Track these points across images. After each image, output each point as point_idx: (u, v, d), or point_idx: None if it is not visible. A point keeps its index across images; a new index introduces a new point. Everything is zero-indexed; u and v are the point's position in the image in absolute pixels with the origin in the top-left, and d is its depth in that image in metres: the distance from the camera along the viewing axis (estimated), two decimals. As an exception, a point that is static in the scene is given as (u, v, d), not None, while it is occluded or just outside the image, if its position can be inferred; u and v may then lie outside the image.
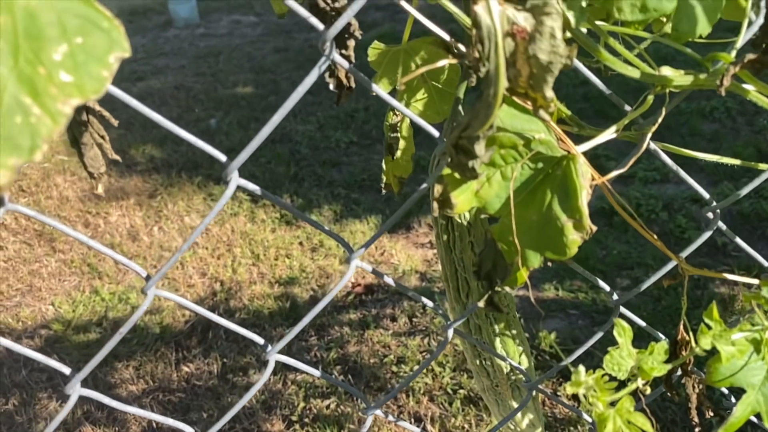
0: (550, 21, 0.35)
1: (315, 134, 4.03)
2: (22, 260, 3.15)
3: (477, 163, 0.39)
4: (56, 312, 2.78)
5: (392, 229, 3.04)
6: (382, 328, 2.39)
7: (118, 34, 0.29)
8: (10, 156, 0.26)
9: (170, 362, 2.44)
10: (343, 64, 0.43)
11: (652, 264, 2.53)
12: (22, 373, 2.50)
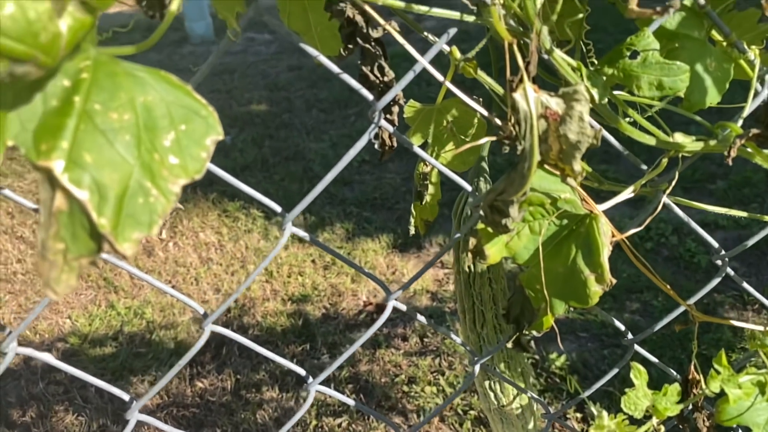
0: (579, 106, 0.39)
1: (328, 152, 4.09)
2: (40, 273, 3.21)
3: (509, 222, 0.44)
4: (73, 325, 2.83)
5: (403, 248, 3.09)
6: (393, 347, 2.43)
7: (213, 119, 0.34)
8: (134, 231, 0.31)
9: (185, 377, 2.49)
10: (388, 128, 0.48)
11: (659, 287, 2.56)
12: (39, 385, 2.54)
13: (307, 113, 4.71)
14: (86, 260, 0.31)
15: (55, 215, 0.30)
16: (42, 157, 0.29)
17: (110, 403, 2.44)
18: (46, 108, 0.30)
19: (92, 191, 0.30)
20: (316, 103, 4.85)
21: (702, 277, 2.66)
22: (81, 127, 0.30)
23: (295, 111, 4.79)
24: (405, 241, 3.12)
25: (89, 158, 0.30)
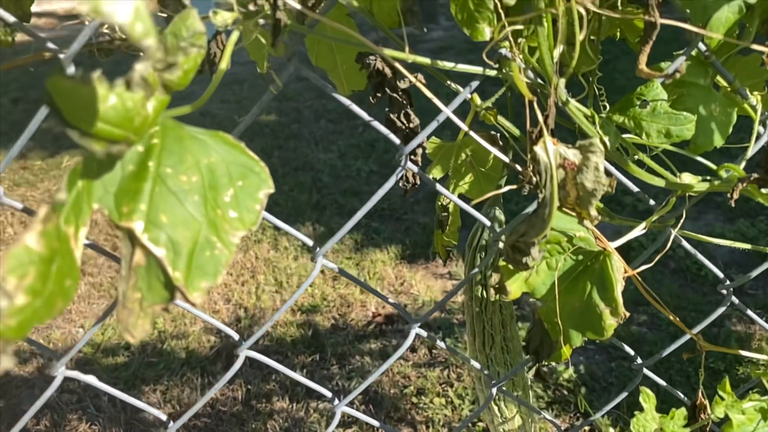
0: (595, 157, 0.43)
1: (336, 163, 4.13)
2: (53, 282, 3.25)
3: (530, 260, 0.47)
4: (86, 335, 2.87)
5: (412, 259, 3.12)
6: (402, 358, 2.45)
7: (265, 174, 0.38)
8: (202, 281, 0.34)
9: (196, 387, 2.52)
10: (413, 169, 0.52)
11: (668, 300, 2.59)
12: (53, 394, 2.58)
13: (315, 123, 4.76)
14: (159, 307, 0.34)
15: (134, 269, 0.33)
16: (124, 219, 0.33)
17: (123, 412, 2.48)
18: (124, 173, 0.33)
19: (168, 248, 0.33)
20: (325, 113, 4.90)
21: (709, 290, 2.68)
22: (156, 190, 0.33)
23: (304, 121, 4.84)
24: (413, 252, 3.15)
25: (165, 218, 0.33)
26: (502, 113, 0.57)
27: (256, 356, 0.57)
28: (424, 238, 3.24)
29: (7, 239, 3.65)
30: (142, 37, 0.24)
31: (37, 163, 4.61)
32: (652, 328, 2.53)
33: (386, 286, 2.93)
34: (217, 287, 3.02)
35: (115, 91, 0.28)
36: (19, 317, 0.28)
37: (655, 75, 0.46)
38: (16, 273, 0.28)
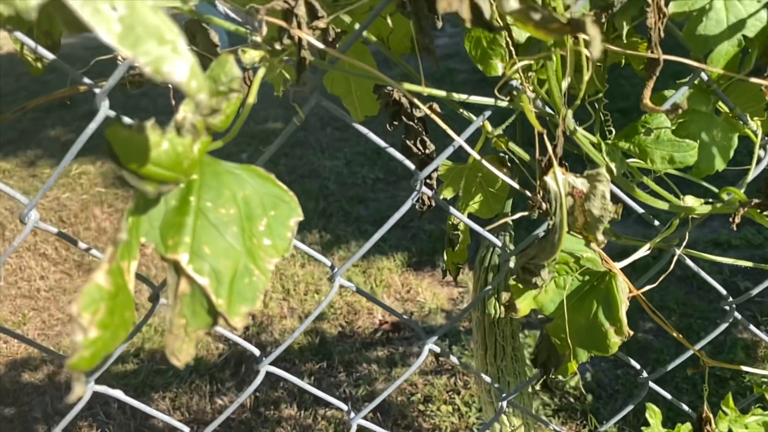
0: (602, 186, 0.45)
1: (342, 170, 4.16)
2: (62, 290, 3.28)
3: (539, 281, 0.50)
4: (95, 342, 2.90)
5: (418, 266, 3.14)
6: (409, 366, 2.47)
7: (295, 204, 0.41)
8: (242, 306, 0.37)
9: (204, 394, 2.54)
10: (428, 192, 0.54)
11: (674, 308, 2.60)
12: (63, 401, 2.61)
13: (321, 131, 4.79)
14: (202, 332, 0.37)
15: (179, 297, 0.36)
16: (170, 251, 0.35)
17: (132, 419, 2.50)
18: (168, 207, 0.36)
19: (211, 277, 0.36)
20: (331, 121, 4.93)
21: (715, 297, 2.69)
22: (198, 223, 0.36)
23: (310, 129, 4.87)
24: (419, 259, 3.17)
25: (207, 249, 0.36)
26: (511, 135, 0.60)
27: (276, 371, 0.60)
28: (430, 246, 3.26)
29: (9, 238, 3.68)
30: (196, 92, 0.27)
31: (47, 171, 4.65)
32: (658, 335, 2.54)
33: (393, 293, 2.95)
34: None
35: (167, 137, 0.31)
36: (91, 349, 0.31)
37: (659, 110, 0.48)
38: (89, 309, 0.31)
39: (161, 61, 0.25)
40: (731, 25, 0.52)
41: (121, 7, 0.24)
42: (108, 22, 0.24)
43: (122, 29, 0.24)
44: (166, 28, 0.26)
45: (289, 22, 0.42)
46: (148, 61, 0.24)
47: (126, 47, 0.24)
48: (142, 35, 0.24)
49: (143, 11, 0.25)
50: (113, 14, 0.24)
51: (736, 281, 2.77)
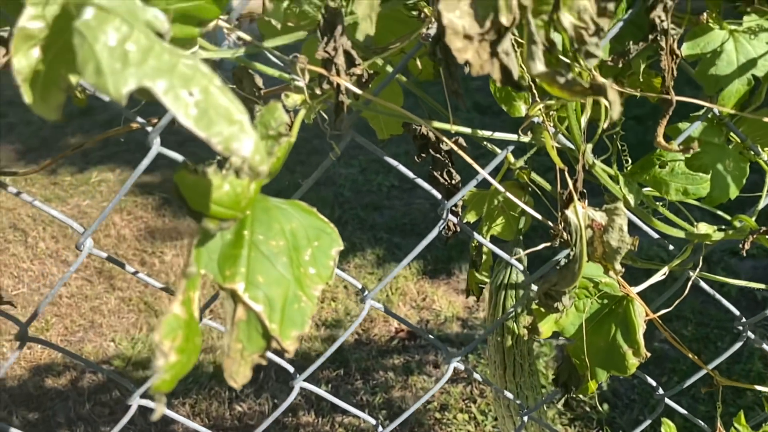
0: (619, 219, 0.49)
1: (358, 178, 4.20)
2: (84, 297, 3.35)
3: (560, 306, 0.53)
4: (117, 348, 2.95)
5: (433, 274, 3.17)
6: (426, 374, 2.50)
7: (336, 235, 0.44)
8: (293, 331, 0.41)
9: (224, 401, 2.59)
10: (453, 220, 0.58)
11: (690, 317, 2.61)
12: (86, 406, 2.67)
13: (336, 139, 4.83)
14: (257, 355, 0.40)
15: (236, 324, 0.40)
16: (227, 281, 0.39)
17: (153, 426, 2.55)
18: (224, 241, 0.40)
19: (265, 304, 0.39)
20: (345, 128, 4.97)
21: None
22: (252, 255, 0.40)
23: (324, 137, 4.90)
24: (435, 267, 3.20)
25: (261, 279, 0.40)
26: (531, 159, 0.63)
27: (310, 387, 0.63)
28: (445, 254, 3.29)
29: (40, 254, 3.76)
30: (259, 164, 0.30)
31: (67, 178, 4.74)
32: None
33: (408, 301, 2.98)
34: (243, 302, 3.10)
35: (228, 180, 0.35)
36: (171, 372, 0.35)
37: (672, 149, 0.51)
38: (169, 337, 0.34)
39: (231, 139, 0.28)
40: (741, 65, 0.55)
41: (197, 92, 0.28)
42: (186, 107, 0.27)
43: (197, 113, 0.27)
44: (235, 109, 0.29)
45: (328, 69, 0.45)
46: (220, 141, 0.28)
47: (201, 129, 0.28)
48: (214, 117, 0.28)
49: (215, 94, 0.29)
50: (190, 99, 0.27)
51: (753, 291, 2.77)
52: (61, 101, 0.34)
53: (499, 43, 0.34)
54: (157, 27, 0.30)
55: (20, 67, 0.32)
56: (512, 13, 0.33)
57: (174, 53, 0.29)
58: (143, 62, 0.27)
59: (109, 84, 0.27)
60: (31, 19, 0.32)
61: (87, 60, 0.27)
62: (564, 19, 0.35)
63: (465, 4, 0.33)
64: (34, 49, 0.33)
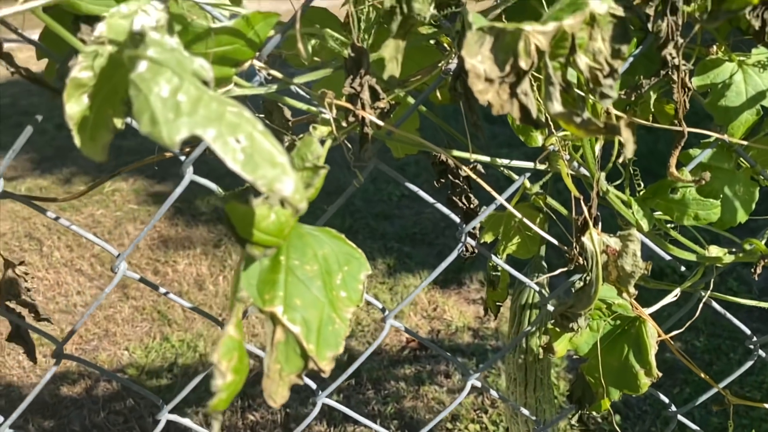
0: (633, 245, 0.51)
1: (368, 187, 4.23)
2: (98, 305, 3.39)
3: (576, 326, 0.55)
4: (131, 357, 2.98)
5: (444, 284, 3.18)
6: (437, 384, 2.52)
7: (364, 260, 0.47)
8: (328, 351, 0.43)
9: (236, 410, 2.61)
10: (472, 243, 0.60)
11: (702, 328, 2.61)
12: (101, 414, 2.70)
13: (347, 149, 4.86)
14: (294, 376, 0.43)
15: (275, 345, 0.42)
16: (267, 305, 0.42)
17: (167, 434, 2.58)
18: (262, 266, 0.42)
19: (302, 326, 0.42)
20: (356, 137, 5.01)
21: (744, 317, 2.68)
22: (289, 279, 0.42)
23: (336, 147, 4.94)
24: (445, 277, 3.21)
25: (298, 302, 0.42)
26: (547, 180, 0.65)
27: (333, 404, 0.65)
28: (456, 263, 3.30)
29: (55, 263, 3.80)
30: (299, 202, 0.33)
31: (82, 188, 4.77)
32: (686, 355, 2.55)
33: (419, 311, 3.00)
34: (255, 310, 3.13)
35: (274, 210, 0.37)
36: (228, 391, 0.37)
37: (684, 180, 0.53)
38: (226, 357, 0.37)
39: (274, 181, 0.31)
40: (751, 97, 0.57)
41: (243, 138, 0.30)
42: (234, 152, 0.30)
43: (244, 158, 0.30)
44: (276, 153, 0.32)
45: (354, 104, 0.48)
46: (264, 183, 0.30)
47: (247, 173, 0.30)
48: (259, 161, 0.30)
49: (259, 140, 0.31)
50: (237, 146, 0.30)
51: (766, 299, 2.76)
52: (107, 142, 0.37)
53: (518, 85, 0.36)
54: (203, 76, 0.33)
55: (72, 113, 0.35)
56: (531, 58, 0.35)
57: (221, 101, 0.32)
58: (194, 112, 0.30)
59: (164, 133, 0.29)
60: (82, 70, 0.35)
61: (142, 110, 0.30)
62: (580, 61, 0.37)
63: (486, 50, 0.35)
64: (84, 96, 0.36)
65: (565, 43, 0.36)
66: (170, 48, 0.32)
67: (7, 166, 0.53)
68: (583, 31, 0.36)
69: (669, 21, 0.46)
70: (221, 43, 0.41)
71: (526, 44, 0.34)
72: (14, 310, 0.62)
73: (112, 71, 0.36)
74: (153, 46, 0.31)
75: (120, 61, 0.36)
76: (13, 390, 2.91)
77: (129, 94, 0.31)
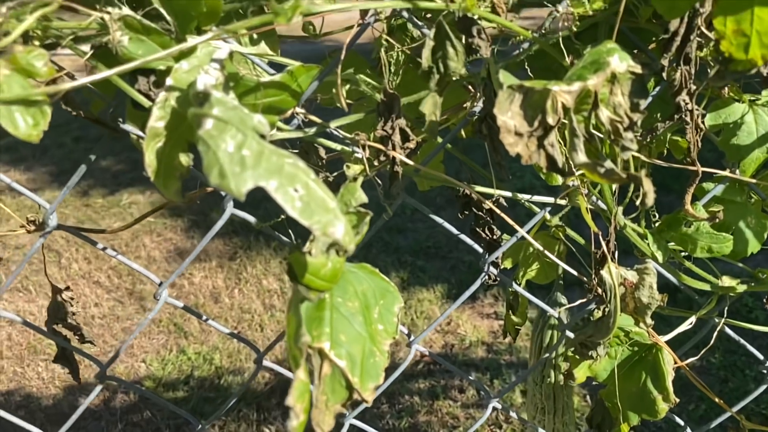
0: (649, 278, 0.54)
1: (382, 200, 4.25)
2: (116, 318, 3.43)
3: (595, 354, 0.58)
4: (147, 369, 3.02)
5: (457, 298, 3.20)
6: (451, 398, 2.53)
7: (397, 293, 0.50)
8: (370, 382, 0.46)
9: (252, 422, 2.64)
10: (494, 272, 0.63)
11: (717, 344, 2.60)
12: (118, 426, 2.73)
13: (360, 162, 4.90)
14: (339, 406, 0.46)
15: (323, 378, 0.45)
16: (315, 341, 0.45)
17: (182, 446, 2.61)
18: (309, 305, 0.45)
19: (347, 360, 0.45)
20: (369, 152, 5.04)
21: (759, 334, 2.68)
22: (334, 317, 0.46)
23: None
24: (459, 291, 3.23)
25: (343, 337, 0.45)
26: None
27: (360, 425, 0.68)
28: (469, 277, 3.32)
29: (73, 275, 3.86)
30: (348, 244, 0.36)
31: (99, 200, 4.86)
32: (702, 372, 2.55)
33: (433, 325, 3.01)
34: (271, 323, 3.16)
35: (330, 258, 0.41)
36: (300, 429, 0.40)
37: (699, 218, 0.56)
38: (299, 400, 0.40)
39: (327, 225, 0.34)
40: (761, 135, 0.60)
41: (300, 188, 0.34)
42: (293, 201, 0.33)
43: (302, 205, 0.33)
44: (329, 199, 0.35)
45: (386, 145, 0.51)
46: (319, 227, 0.34)
47: (304, 219, 0.34)
48: (315, 208, 0.34)
49: (314, 188, 0.34)
50: (296, 194, 0.33)
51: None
52: (179, 187, 0.41)
53: (545, 138, 0.39)
54: (261, 130, 0.36)
55: (150, 161, 0.39)
56: (557, 114, 0.38)
57: (279, 154, 0.35)
58: (257, 165, 0.33)
59: (232, 185, 0.33)
60: (158, 120, 0.39)
61: (212, 165, 0.33)
62: (602, 115, 0.40)
63: (516, 107, 0.38)
64: (159, 144, 0.39)
65: (589, 99, 0.39)
66: (232, 106, 0.35)
67: (59, 203, 0.56)
68: (605, 87, 0.39)
69: (682, 70, 0.49)
70: (269, 95, 0.44)
71: (554, 102, 0.37)
72: (61, 333, 0.66)
73: (178, 122, 0.40)
74: (217, 105, 0.35)
75: (183, 114, 0.39)
76: (33, 401, 2.96)
77: (198, 148, 0.34)
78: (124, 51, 0.43)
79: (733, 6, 0.42)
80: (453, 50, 0.45)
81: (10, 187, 0.58)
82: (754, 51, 0.43)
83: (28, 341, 3.22)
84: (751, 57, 0.43)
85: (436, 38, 0.45)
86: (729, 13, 0.42)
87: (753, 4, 0.41)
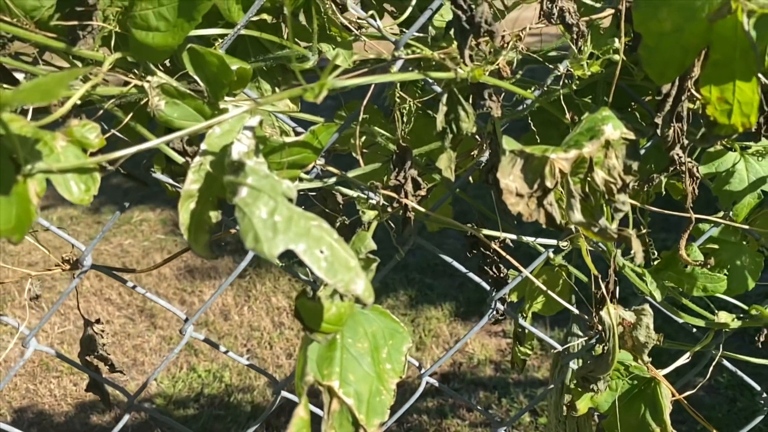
0: (646, 318, 0.57)
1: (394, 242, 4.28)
2: (126, 335, 3.47)
3: (596, 387, 0.61)
4: (158, 387, 3.06)
5: (465, 316, 3.22)
6: (459, 417, 2.55)
7: (406, 333, 0.54)
8: (376, 419, 0.50)
9: (262, 440, 2.66)
10: (501, 308, 0.67)
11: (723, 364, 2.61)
12: (134, 441, 2.76)
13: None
14: None
15: (332, 414, 0.49)
16: (325, 379, 0.49)
17: (194, 463, 2.63)
18: (320, 346, 0.49)
19: (355, 398, 0.49)
20: (376, 169, 5.08)
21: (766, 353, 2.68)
22: (343, 357, 0.49)
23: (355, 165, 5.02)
24: (467, 309, 3.25)
25: (352, 377, 0.49)
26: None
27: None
28: (477, 295, 3.34)
29: (85, 292, 3.91)
30: (367, 299, 0.40)
31: (109, 218, 4.90)
32: (710, 391, 2.56)
33: (441, 343, 3.04)
34: (280, 341, 3.19)
35: (335, 303, 0.45)
36: None
37: (693, 264, 0.60)
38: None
39: (349, 283, 0.38)
40: (752, 182, 0.64)
41: (325, 249, 0.38)
42: (319, 261, 0.37)
43: (327, 266, 0.37)
44: (350, 258, 0.39)
45: (398, 193, 0.55)
46: (342, 285, 0.38)
47: (329, 278, 0.37)
48: (338, 268, 0.38)
49: (337, 249, 0.38)
50: (321, 255, 0.37)
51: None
52: (208, 240, 0.45)
53: (544, 198, 0.43)
54: (289, 195, 0.40)
55: (183, 219, 0.43)
56: (555, 178, 0.42)
57: (306, 217, 0.39)
58: (288, 230, 0.37)
59: (265, 249, 0.37)
60: (192, 183, 0.43)
61: (247, 231, 0.37)
62: (596, 177, 0.44)
63: (517, 170, 0.42)
64: (192, 203, 0.44)
65: (584, 164, 0.43)
66: (264, 174, 0.39)
67: (94, 247, 0.61)
68: (599, 151, 0.43)
69: (675, 127, 0.53)
70: (293, 153, 0.48)
71: (552, 168, 0.41)
72: (92, 364, 0.70)
73: (210, 183, 0.44)
74: (251, 175, 0.39)
75: (215, 176, 0.44)
76: (45, 418, 2.99)
77: (235, 214, 0.38)
78: (160, 114, 0.48)
79: (718, 76, 0.46)
80: (464, 113, 0.50)
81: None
82: (735, 118, 0.46)
83: (41, 358, 3.26)
84: (733, 123, 0.47)
85: (448, 103, 0.50)
86: (714, 83, 0.46)
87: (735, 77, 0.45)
